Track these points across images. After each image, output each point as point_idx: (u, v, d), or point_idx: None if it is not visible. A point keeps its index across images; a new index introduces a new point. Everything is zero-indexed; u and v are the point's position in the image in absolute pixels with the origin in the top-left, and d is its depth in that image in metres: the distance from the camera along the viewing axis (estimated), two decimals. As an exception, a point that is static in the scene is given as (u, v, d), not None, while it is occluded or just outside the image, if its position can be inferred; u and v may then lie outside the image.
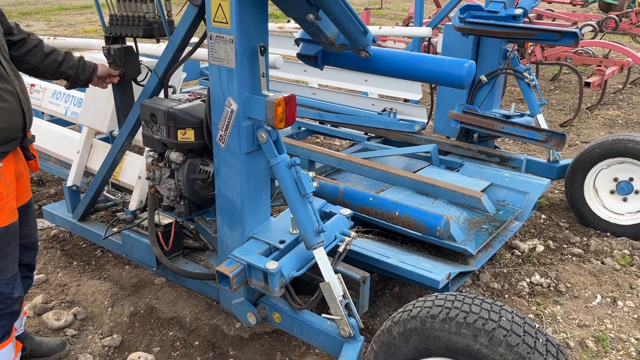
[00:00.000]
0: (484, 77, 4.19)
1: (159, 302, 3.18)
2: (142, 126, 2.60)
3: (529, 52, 6.68)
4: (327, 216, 2.60)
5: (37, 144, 3.88)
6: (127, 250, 3.06)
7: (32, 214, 2.49)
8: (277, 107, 2.10)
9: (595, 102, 7.27)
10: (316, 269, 2.27)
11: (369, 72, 2.62)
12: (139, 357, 2.68)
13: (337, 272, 2.31)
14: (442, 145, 4.27)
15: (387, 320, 2.07)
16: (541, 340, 1.77)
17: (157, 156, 2.61)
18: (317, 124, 5.11)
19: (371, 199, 3.05)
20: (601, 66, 6.59)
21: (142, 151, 3.15)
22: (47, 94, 3.98)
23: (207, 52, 2.21)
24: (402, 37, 7.51)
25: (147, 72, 2.80)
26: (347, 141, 5.25)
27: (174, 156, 2.49)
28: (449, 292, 2.02)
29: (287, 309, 2.43)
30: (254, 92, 2.20)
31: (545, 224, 4.13)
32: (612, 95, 7.86)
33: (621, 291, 3.29)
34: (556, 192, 4.65)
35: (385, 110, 4.64)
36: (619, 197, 3.89)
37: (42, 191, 4.65)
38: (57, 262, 3.59)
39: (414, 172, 3.78)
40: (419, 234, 2.95)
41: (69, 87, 2.70)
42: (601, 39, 8.15)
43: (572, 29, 3.50)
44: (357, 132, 4.85)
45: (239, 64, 2.12)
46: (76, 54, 2.69)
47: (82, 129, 3.48)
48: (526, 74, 4.16)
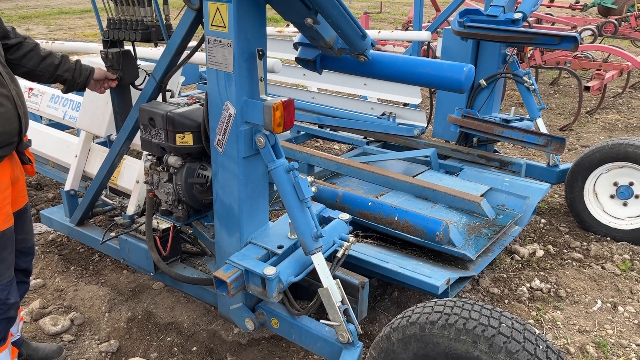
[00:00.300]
0: (483, 81, 4.18)
1: (156, 307, 3.16)
2: (140, 130, 2.59)
3: (529, 56, 6.69)
4: (326, 221, 2.59)
5: (35, 147, 3.88)
6: (124, 255, 3.04)
7: (29, 219, 2.48)
8: (275, 112, 2.09)
9: (594, 106, 7.26)
10: (315, 274, 2.26)
11: (368, 77, 2.60)
12: (136, 363, 2.66)
13: (335, 277, 2.29)
14: (442, 149, 4.26)
15: (385, 326, 2.05)
16: (541, 346, 1.76)
17: (155, 160, 2.59)
18: (316, 128, 5.10)
19: (370, 203, 3.04)
20: (601, 70, 6.60)
21: (140, 155, 3.14)
22: (46, 97, 3.97)
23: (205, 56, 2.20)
24: (402, 41, 7.52)
25: (145, 76, 2.79)
26: (347, 145, 5.24)
27: (172, 160, 2.48)
28: (449, 298, 2.00)
29: (286, 315, 2.41)
30: (252, 97, 2.19)
31: (545, 228, 4.11)
32: (611, 99, 7.86)
33: (621, 296, 3.27)
34: (556, 196, 4.64)
35: (384, 114, 4.64)
36: (619, 202, 3.88)
37: (40, 195, 4.63)
38: (55, 266, 3.57)
39: (413, 177, 3.77)
40: (418, 239, 2.94)
41: (65, 91, 2.68)
42: (600, 43, 8.16)
43: (571, 33, 3.50)
44: (357, 136, 4.84)
45: (237, 68, 2.11)
46: (75, 58, 2.68)
47: (80, 133, 3.47)
48: (525, 78, 4.16)
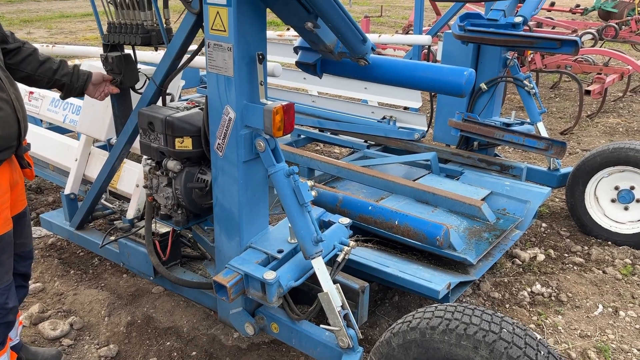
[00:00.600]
0: (484, 85, 4.17)
1: (156, 312, 3.14)
2: (139, 134, 2.58)
3: (529, 60, 6.68)
4: (326, 225, 2.58)
5: (35, 151, 3.88)
6: (124, 259, 3.03)
7: (28, 223, 2.47)
8: (275, 116, 2.08)
9: (595, 110, 7.26)
10: (315, 278, 2.25)
11: (368, 81, 2.60)
12: (136, 367, 2.65)
13: (335, 282, 2.28)
14: (442, 153, 4.25)
15: (386, 331, 2.04)
16: (543, 352, 1.74)
17: (154, 164, 2.59)
18: (316, 131, 5.09)
19: (370, 207, 3.03)
20: (601, 74, 6.59)
21: (140, 159, 3.13)
22: (46, 101, 3.97)
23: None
24: (402, 45, 7.52)
25: (146, 80, 2.79)
26: (347, 149, 5.23)
27: (172, 164, 2.47)
28: (449, 303, 1.99)
29: (286, 320, 2.40)
30: (252, 101, 2.18)
31: (546, 232, 4.10)
32: (612, 103, 7.86)
33: (623, 301, 3.25)
34: (557, 200, 4.63)
35: (384, 118, 4.63)
36: (620, 206, 3.87)
37: (40, 199, 4.62)
38: (54, 270, 3.56)
39: (414, 180, 3.76)
40: (419, 243, 2.93)
41: (63, 97, 2.67)
42: (601, 46, 8.16)
43: (572, 37, 3.49)
44: (357, 139, 4.84)
45: (237, 72, 2.11)
46: (75, 61, 2.67)
47: (80, 136, 3.47)
48: (526, 82, 4.15)
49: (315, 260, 2.20)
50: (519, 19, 3.71)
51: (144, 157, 2.67)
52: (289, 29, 5.81)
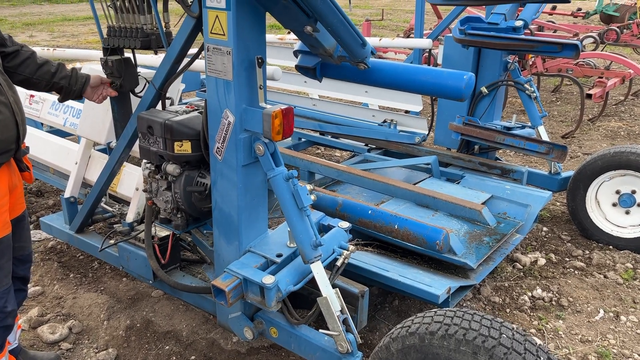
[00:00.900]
0: (484, 89, 4.17)
1: (155, 316, 3.14)
2: (139, 138, 2.58)
3: (530, 63, 6.68)
4: (326, 229, 2.57)
5: (35, 154, 3.88)
6: (123, 262, 3.02)
7: (26, 226, 2.47)
8: (274, 120, 2.08)
9: (597, 114, 7.25)
10: (314, 282, 2.24)
11: (368, 84, 2.60)
12: (134, 372, 2.64)
13: (335, 286, 2.28)
14: (443, 156, 4.24)
15: (385, 336, 2.03)
16: (542, 358, 1.73)
17: (154, 168, 2.58)
18: (317, 135, 5.10)
19: (370, 211, 3.02)
20: (602, 78, 6.58)
21: (140, 163, 3.13)
22: (46, 104, 3.97)
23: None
24: (403, 48, 7.52)
25: (145, 84, 2.79)
26: (348, 152, 5.23)
27: (171, 168, 2.46)
28: (449, 308, 1.98)
29: (285, 324, 2.39)
30: (251, 104, 2.18)
31: (547, 236, 4.09)
32: (613, 106, 7.84)
33: (624, 306, 3.24)
34: (558, 204, 4.62)
35: (385, 121, 4.63)
36: (621, 210, 3.86)
37: (40, 202, 4.62)
38: (54, 274, 3.56)
39: (414, 184, 3.75)
40: (419, 248, 2.92)
41: (61, 100, 2.66)
42: (602, 50, 8.15)
43: (572, 41, 3.49)
44: (358, 143, 4.84)
45: (236, 76, 2.10)
46: (77, 65, 2.67)
47: (80, 140, 3.47)
48: (527, 86, 4.14)
49: (314, 264, 2.19)
50: (519, 23, 3.71)
51: (144, 161, 2.66)
52: (289, 33, 5.82)
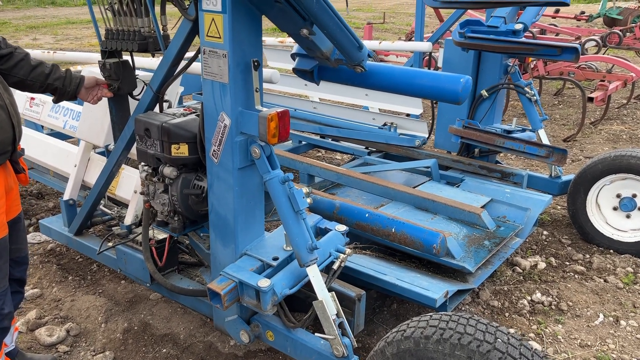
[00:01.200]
0: (484, 92, 4.16)
1: (153, 318, 3.13)
2: (136, 141, 2.58)
3: (532, 67, 6.66)
4: (323, 232, 2.56)
5: (35, 157, 3.89)
6: (121, 265, 3.02)
7: (22, 228, 2.47)
8: (270, 123, 2.07)
9: (599, 117, 7.22)
10: (312, 285, 2.23)
11: (365, 87, 2.59)
12: (131, 375, 2.63)
13: (331, 290, 2.27)
14: (443, 160, 4.23)
15: (380, 340, 2.02)
16: (537, 363, 1.72)
17: (151, 171, 2.58)
18: (318, 138, 5.09)
19: (367, 215, 3.01)
20: (604, 81, 6.56)
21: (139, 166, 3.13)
22: (47, 107, 3.98)
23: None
24: (405, 51, 7.52)
25: (144, 86, 2.79)
26: (349, 155, 5.22)
27: (168, 171, 2.46)
28: (444, 312, 1.97)
29: (281, 328, 2.38)
30: (247, 107, 2.18)
31: (547, 240, 4.07)
32: (616, 110, 7.81)
33: (624, 310, 3.22)
34: (559, 208, 4.60)
35: (385, 124, 4.62)
36: (622, 214, 3.83)
37: (40, 204, 4.63)
38: (53, 276, 3.56)
39: (414, 187, 3.74)
40: (416, 251, 2.91)
41: (56, 101, 2.66)
42: (604, 53, 8.13)
43: (572, 45, 3.48)
44: (358, 146, 4.83)
45: (232, 78, 2.10)
46: (78, 67, 2.67)
47: (80, 142, 3.47)
48: (527, 89, 4.13)
49: (310, 268, 2.19)
50: (519, 26, 3.69)
51: (141, 163, 2.66)
52: (289, 35, 5.82)
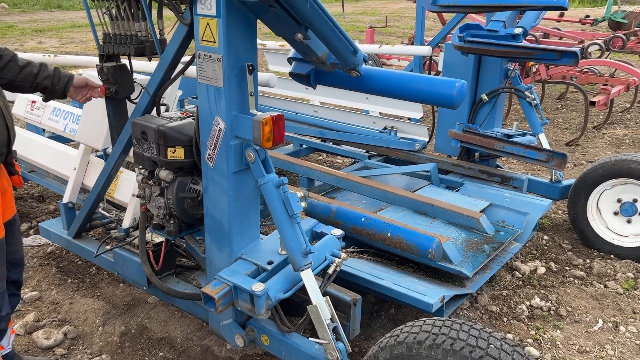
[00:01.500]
0: (485, 96, 4.15)
1: (150, 322, 3.13)
2: (133, 144, 2.59)
3: (534, 70, 6.64)
4: (319, 236, 2.56)
5: (36, 159, 3.91)
6: (118, 268, 3.03)
7: (17, 230, 2.47)
8: (264, 127, 2.07)
9: (602, 121, 7.19)
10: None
11: (361, 92, 2.59)
12: (127, 378, 2.63)
13: (326, 294, 2.26)
14: (443, 164, 4.22)
15: (374, 345, 2.01)
16: (530, 369, 1.71)
17: (147, 174, 2.59)
18: (318, 141, 5.09)
19: (363, 219, 3.00)
20: (607, 85, 6.53)
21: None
22: (47, 110, 4.00)
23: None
24: (407, 55, 7.51)
25: (141, 90, 2.80)
26: (350, 159, 5.22)
27: (164, 174, 2.47)
28: (437, 317, 1.96)
29: (276, 332, 2.37)
30: (242, 111, 2.18)
31: (547, 245, 4.05)
32: (619, 114, 7.78)
33: (623, 316, 3.20)
34: (559, 212, 4.57)
35: (386, 128, 4.62)
36: (623, 219, 3.81)
37: (41, 207, 4.65)
38: (52, 279, 3.57)
39: (413, 191, 3.73)
40: (412, 256, 2.90)
41: (46, 99, 2.65)
42: (607, 58, 8.10)
43: (571, 49, 3.46)
44: (359, 150, 4.83)
45: (227, 82, 2.11)
46: (79, 71, 2.67)
47: (80, 145, 3.48)
48: (527, 93, 4.12)
49: (304, 272, 2.19)
50: (518, 30, 3.68)
51: (138, 166, 2.67)
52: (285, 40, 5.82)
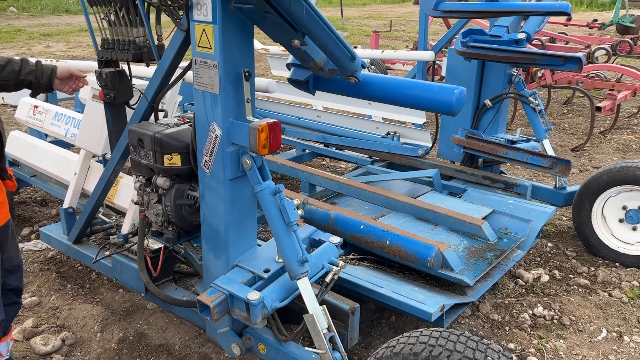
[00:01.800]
0: (488, 102, 4.11)
1: (149, 328, 3.12)
2: (130, 150, 2.58)
3: (539, 75, 6.60)
4: (317, 244, 2.53)
5: (37, 164, 3.91)
6: (117, 274, 3.01)
7: (12, 236, 2.46)
8: (260, 134, 2.05)
9: (609, 127, 7.12)
10: (305, 298, 2.20)
11: (360, 98, 2.57)
12: (123, 386, 2.62)
13: (323, 303, 2.23)
14: (446, 170, 4.18)
15: (370, 356, 1.98)
16: (528, 383, 1.68)
17: (145, 181, 2.57)
18: (321, 146, 5.07)
19: (362, 226, 2.97)
20: (613, 90, 6.47)
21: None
22: (49, 115, 4.00)
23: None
24: (411, 60, 7.48)
25: (140, 96, 2.79)
26: (353, 164, 5.19)
27: (161, 181, 2.45)
28: (435, 329, 1.93)
29: (273, 341, 2.34)
30: (239, 118, 2.16)
31: (551, 252, 4.00)
32: (626, 119, 7.71)
33: (628, 325, 3.14)
34: (564, 219, 4.52)
35: (389, 133, 4.59)
36: (628, 226, 3.76)
37: (44, 212, 4.65)
38: (52, 284, 3.56)
39: (416, 197, 3.70)
40: (411, 264, 2.86)
41: (33, 95, 2.63)
42: (614, 62, 8.03)
43: (575, 54, 3.42)
44: (362, 155, 4.80)
45: (223, 89, 2.09)
46: (54, 61, 2.62)
47: (81, 150, 3.48)
48: (531, 99, 4.08)
49: (300, 280, 2.16)
50: (522, 35, 3.65)
51: (135, 173, 2.66)
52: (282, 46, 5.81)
